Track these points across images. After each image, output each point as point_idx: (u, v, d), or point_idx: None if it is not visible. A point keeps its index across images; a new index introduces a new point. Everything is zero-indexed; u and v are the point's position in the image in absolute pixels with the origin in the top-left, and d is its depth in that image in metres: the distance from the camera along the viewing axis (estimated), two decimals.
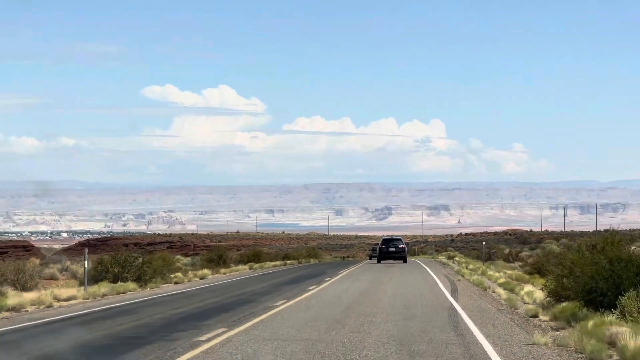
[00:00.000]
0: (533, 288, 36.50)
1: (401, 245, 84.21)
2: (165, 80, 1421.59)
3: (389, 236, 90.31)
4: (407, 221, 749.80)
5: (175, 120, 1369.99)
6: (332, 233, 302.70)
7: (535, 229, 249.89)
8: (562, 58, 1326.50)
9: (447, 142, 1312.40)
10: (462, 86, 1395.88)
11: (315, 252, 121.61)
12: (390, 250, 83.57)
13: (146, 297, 37.42)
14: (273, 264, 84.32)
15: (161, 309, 30.32)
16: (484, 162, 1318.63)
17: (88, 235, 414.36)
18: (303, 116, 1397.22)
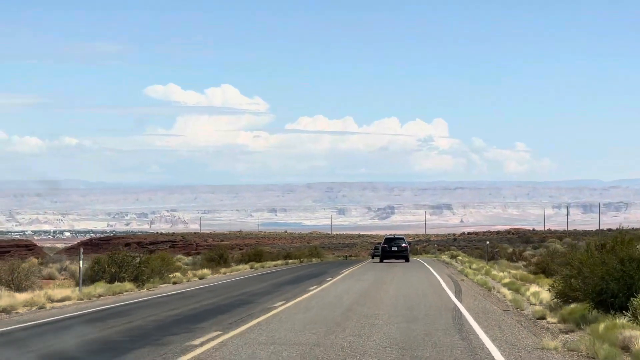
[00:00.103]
0: (539, 288, 35.55)
1: (403, 244, 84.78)
2: (168, 79, 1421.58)
3: (392, 235, 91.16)
4: (410, 220, 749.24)
5: (178, 119, 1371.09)
6: (335, 232, 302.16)
7: (538, 228, 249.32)
8: (565, 57, 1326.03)
9: (450, 141, 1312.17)
10: (465, 85, 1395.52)
11: (317, 252, 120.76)
12: (392, 249, 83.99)
13: (142, 298, 36.50)
14: (274, 264, 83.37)
15: (156, 311, 29.35)
16: (487, 161, 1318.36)
17: (91, 234, 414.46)
18: (306, 115, 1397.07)
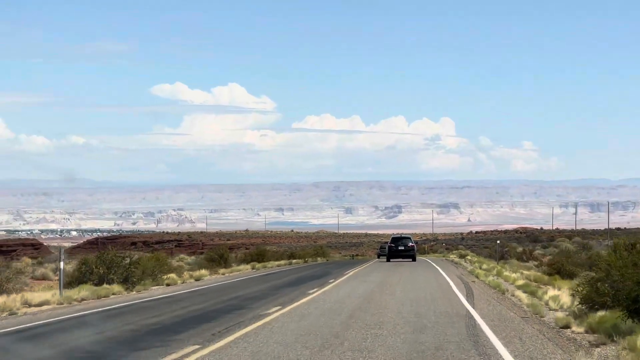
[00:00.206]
0: (557, 291, 32.65)
1: (410, 243, 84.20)
2: (175, 78, 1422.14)
3: (398, 235, 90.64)
4: (417, 219, 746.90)
5: (185, 118, 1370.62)
6: (342, 231, 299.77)
7: (545, 227, 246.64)
8: (572, 56, 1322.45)
9: (457, 140, 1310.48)
10: (472, 84, 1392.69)
11: (323, 251, 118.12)
12: (399, 248, 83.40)
13: (127, 302, 33.64)
14: (277, 264, 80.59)
15: (135, 318, 26.39)
16: (494, 160, 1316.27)
17: (97, 233, 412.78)
18: (313, 114, 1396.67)
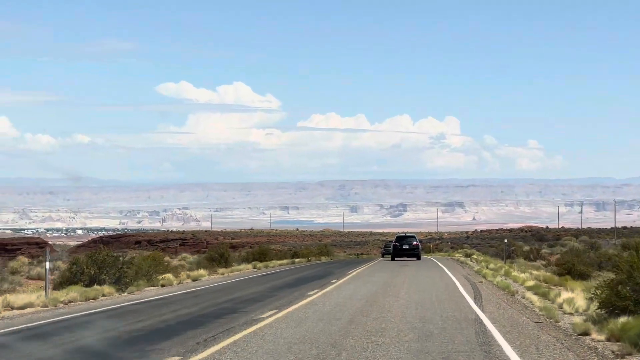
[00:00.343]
0: (571, 294, 30.76)
1: (415, 242, 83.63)
2: (180, 77, 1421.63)
3: (403, 233, 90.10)
4: (422, 218, 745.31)
5: (190, 117, 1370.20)
6: (347, 230, 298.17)
7: (551, 226, 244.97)
8: (577, 55, 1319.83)
9: (462, 139, 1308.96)
10: (477, 83, 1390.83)
11: (327, 250, 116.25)
12: (404, 247, 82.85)
13: (116, 305, 31.78)
14: (279, 263, 78.77)
15: (119, 323, 24.46)
16: (499, 159, 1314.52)
17: (103, 232, 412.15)
18: (318, 113, 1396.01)
